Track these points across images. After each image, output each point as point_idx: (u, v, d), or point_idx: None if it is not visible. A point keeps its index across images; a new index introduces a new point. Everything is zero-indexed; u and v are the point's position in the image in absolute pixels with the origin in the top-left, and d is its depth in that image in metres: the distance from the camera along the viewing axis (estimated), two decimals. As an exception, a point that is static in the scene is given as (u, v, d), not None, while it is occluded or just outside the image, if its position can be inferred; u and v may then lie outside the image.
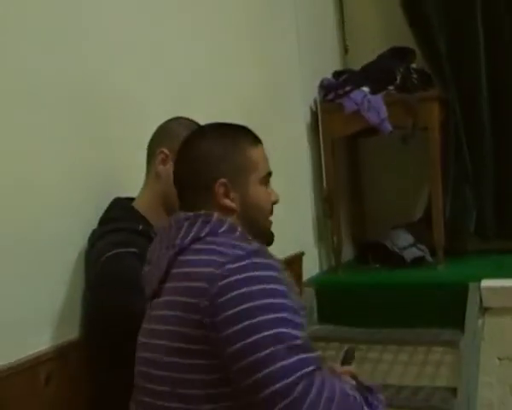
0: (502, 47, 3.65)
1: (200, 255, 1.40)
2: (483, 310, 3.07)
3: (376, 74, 3.53)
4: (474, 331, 3.01)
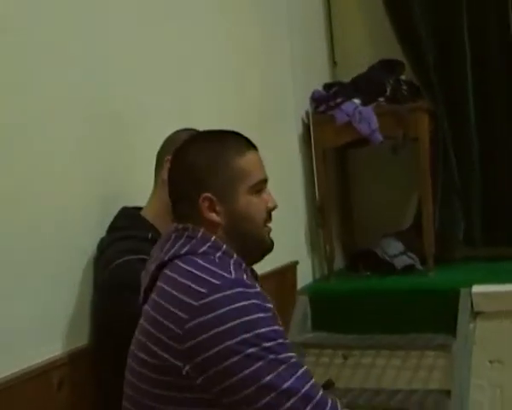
0: (488, 59, 3.76)
1: (179, 276, 1.39)
2: (474, 315, 3.15)
3: (367, 86, 3.62)
4: (466, 335, 3.08)
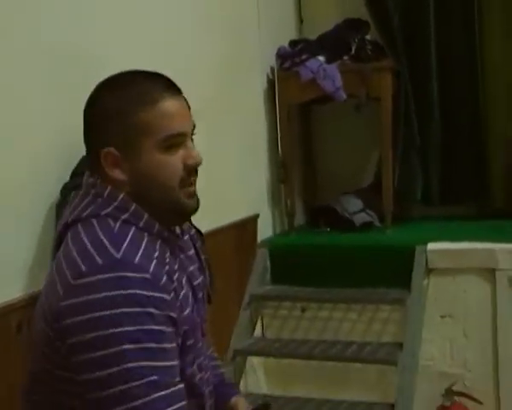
0: (452, 18, 3.79)
1: (73, 244, 1.28)
2: (428, 271, 3.25)
3: (332, 44, 3.64)
4: (420, 291, 3.18)
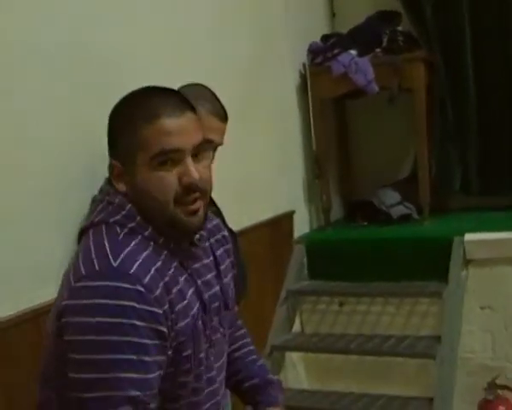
0: (486, 8, 3.74)
1: (81, 249, 1.35)
2: (466, 262, 3.22)
3: (363, 37, 3.62)
4: (458, 282, 3.14)
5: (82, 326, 1.24)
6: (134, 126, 1.33)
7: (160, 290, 1.28)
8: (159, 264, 1.31)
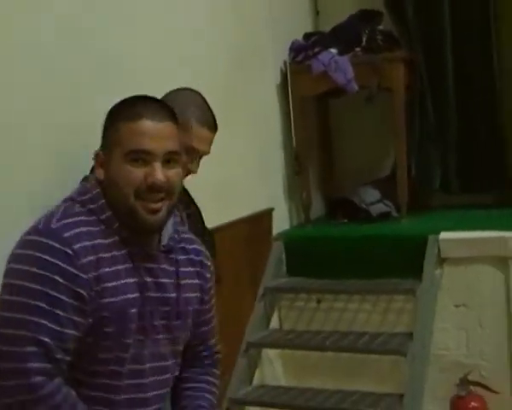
0: (467, 7, 3.76)
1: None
2: (441, 260, 3.24)
3: (344, 36, 3.65)
4: (432, 280, 3.17)
5: (13, 271, 1.42)
6: (117, 123, 1.51)
7: (90, 261, 1.42)
8: (98, 241, 1.45)
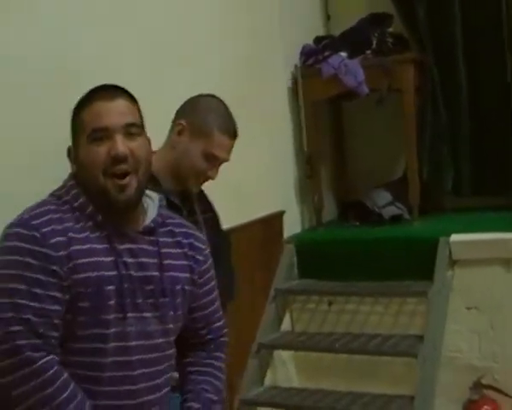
0: (478, 10, 3.75)
1: None
2: (452, 263, 3.23)
3: (354, 39, 3.66)
4: (443, 282, 3.16)
5: None
6: (78, 114, 1.59)
7: (59, 241, 1.50)
8: (70, 225, 1.53)
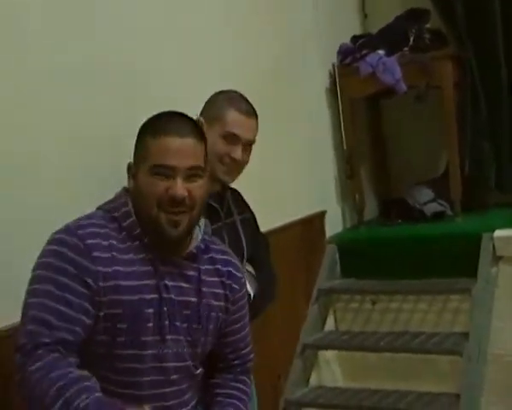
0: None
1: None
2: (497, 259, 3.19)
3: (391, 37, 3.65)
4: (487, 279, 3.13)
5: (35, 264, 1.55)
6: (144, 139, 1.61)
7: (103, 256, 1.52)
8: (115, 243, 1.56)
